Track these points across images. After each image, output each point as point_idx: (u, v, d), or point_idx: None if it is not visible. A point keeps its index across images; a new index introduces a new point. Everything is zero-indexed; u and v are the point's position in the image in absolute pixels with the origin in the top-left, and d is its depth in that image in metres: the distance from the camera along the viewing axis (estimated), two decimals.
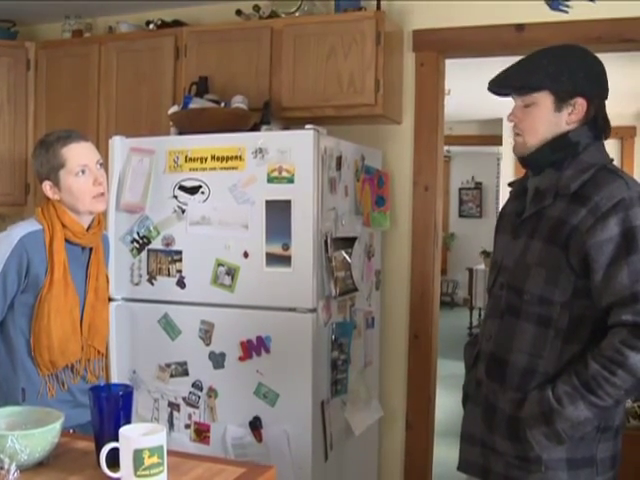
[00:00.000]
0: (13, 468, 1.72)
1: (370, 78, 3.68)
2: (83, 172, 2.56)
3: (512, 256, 2.21)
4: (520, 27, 3.82)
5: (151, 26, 4.33)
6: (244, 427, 3.30)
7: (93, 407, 1.87)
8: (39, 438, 1.81)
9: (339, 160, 3.39)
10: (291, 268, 3.19)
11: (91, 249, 2.69)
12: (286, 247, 3.19)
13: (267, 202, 3.22)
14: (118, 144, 3.55)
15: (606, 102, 2.24)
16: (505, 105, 7.55)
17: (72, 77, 4.45)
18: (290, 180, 3.18)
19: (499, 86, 2.26)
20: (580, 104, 2.14)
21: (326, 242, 3.24)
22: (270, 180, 3.22)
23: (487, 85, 2.28)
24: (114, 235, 3.50)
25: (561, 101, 2.14)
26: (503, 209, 2.45)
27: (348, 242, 3.46)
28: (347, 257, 3.42)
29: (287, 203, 3.18)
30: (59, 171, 2.55)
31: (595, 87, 2.18)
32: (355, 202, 3.57)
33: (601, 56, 2.15)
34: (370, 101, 3.70)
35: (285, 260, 3.19)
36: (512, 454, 2.15)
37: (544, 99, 2.15)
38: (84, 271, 2.66)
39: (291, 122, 3.76)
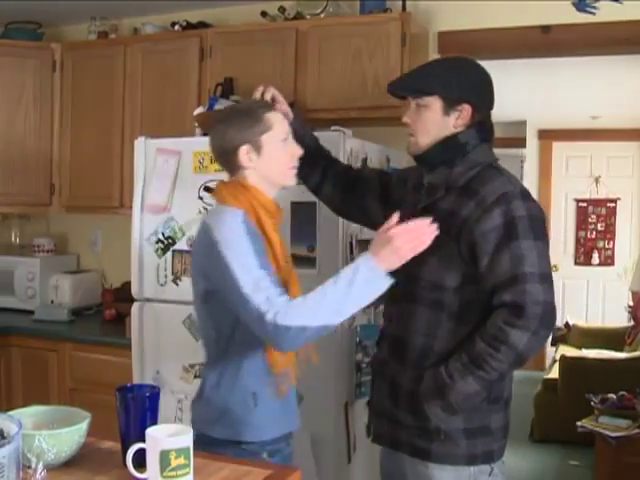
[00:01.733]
0: (40, 467, 1.72)
1: None
2: (285, 140, 2.39)
3: None
4: (546, 29, 3.79)
5: (176, 27, 4.34)
6: None
7: (119, 407, 1.87)
8: (66, 438, 1.82)
9: (364, 162, 3.38)
10: (316, 270, 3.18)
11: None
12: (311, 249, 3.19)
13: (293, 204, 3.21)
14: (143, 145, 3.56)
15: (492, 111, 2.47)
16: (530, 108, 7.51)
17: (97, 78, 4.47)
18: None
19: (396, 88, 2.48)
20: (466, 110, 2.33)
21: (351, 244, 3.24)
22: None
23: (387, 86, 2.50)
24: (139, 236, 3.50)
25: (449, 106, 2.33)
26: (398, 186, 2.68)
27: None
28: None
29: (313, 205, 3.17)
30: (262, 135, 2.34)
31: (481, 96, 2.39)
32: None
33: (622, 57, 2.22)
34: (395, 103, 3.66)
35: (310, 262, 3.19)
36: (415, 426, 2.34)
37: (434, 103, 2.34)
38: None
39: (316, 123, 3.74)
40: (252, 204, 2.30)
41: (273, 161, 2.36)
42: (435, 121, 2.34)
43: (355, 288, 2.09)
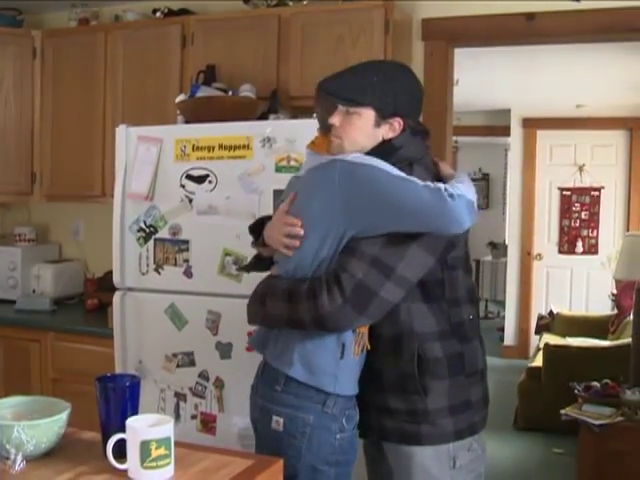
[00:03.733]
0: (19, 458, 1.71)
1: None
2: None
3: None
4: (531, 16, 3.78)
5: (158, 14, 4.30)
6: None
7: (100, 397, 1.85)
8: (45, 428, 1.80)
9: None
10: None
11: None
12: None
13: (275, 192, 3.19)
14: (124, 133, 3.53)
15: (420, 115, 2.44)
16: (514, 96, 7.53)
17: (78, 66, 4.43)
18: (299, 169, 3.15)
19: (329, 93, 2.37)
20: (398, 122, 2.32)
21: None
22: (278, 169, 3.20)
23: (317, 85, 2.42)
24: (121, 225, 3.48)
25: (381, 118, 2.31)
26: None
27: None
28: None
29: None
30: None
31: (413, 109, 2.38)
32: None
33: (607, 46, 2.19)
34: None
35: None
36: (404, 409, 2.33)
37: (367, 113, 2.30)
38: None
39: (299, 111, 3.74)
40: None
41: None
42: (365, 131, 2.31)
43: None
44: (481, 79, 6.47)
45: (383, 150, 2.32)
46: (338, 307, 2.16)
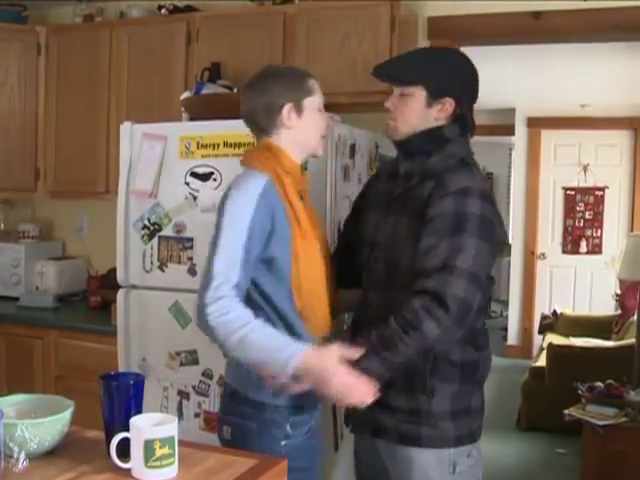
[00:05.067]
0: (22, 457, 1.70)
1: None
2: (320, 110, 2.45)
3: (384, 232, 2.40)
4: (537, 15, 3.77)
5: (163, 11, 4.30)
6: None
7: (103, 396, 1.84)
8: (49, 427, 1.79)
9: (353, 148, 3.36)
10: None
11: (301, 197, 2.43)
12: None
13: None
14: (129, 130, 3.52)
15: (474, 105, 2.50)
16: (519, 95, 7.55)
17: (83, 62, 4.43)
18: (304, 167, 3.14)
19: (381, 74, 2.48)
20: (449, 103, 2.35)
21: (339, 230, 3.21)
22: None
23: (372, 70, 2.50)
24: (125, 222, 3.47)
25: (433, 98, 2.35)
26: (368, 188, 2.68)
27: None
28: None
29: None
30: (305, 98, 2.38)
31: (465, 91, 2.42)
32: None
33: (613, 45, 2.21)
34: (384, 88, 3.63)
35: None
36: (405, 408, 2.32)
37: (418, 93, 2.35)
38: None
39: None
40: (276, 170, 2.33)
41: (311, 125, 2.41)
42: (417, 111, 2.36)
43: (266, 350, 2.16)
44: (486, 78, 6.42)
45: (432, 138, 2.36)
46: (446, 329, 2.15)
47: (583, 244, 8.47)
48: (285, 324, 2.31)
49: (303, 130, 2.40)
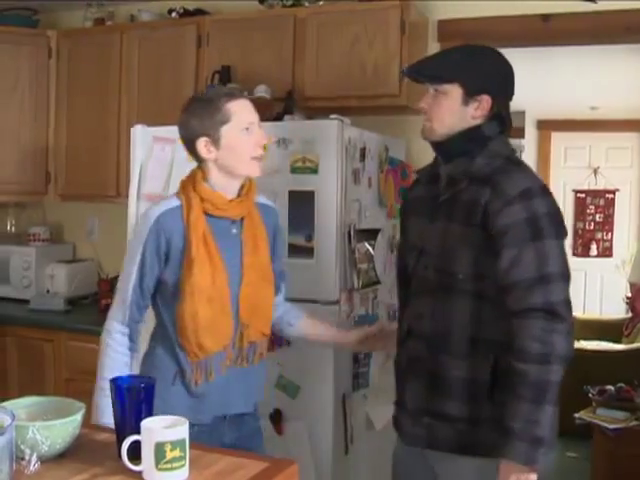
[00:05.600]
0: (34, 459, 1.70)
1: (394, 68, 3.65)
2: (247, 130, 2.37)
3: (433, 239, 2.34)
4: (546, 17, 3.77)
5: (173, 14, 4.31)
6: (264, 420, 3.27)
7: (114, 399, 1.84)
8: (60, 429, 1.79)
9: (363, 151, 3.36)
10: (314, 259, 3.16)
11: (242, 221, 2.46)
12: (309, 238, 3.16)
13: (290, 193, 3.19)
14: (139, 133, 3.53)
15: (510, 102, 2.43)
16: (529, 98, 7.48)
17: (93, 66, 4.44)
18: (314, 171, 3.15)
19: (415, 73, 2.42)
20: (486, 101, 2.29)
21: (349, 234, 3.21)
22: (293, 170, 3.19)
23: (404, 70, 2.49)
24: (134, 224, 3.47)
25: (469, 96, 2.28)
26: (409, 193, 2.62)
27: (371, 234, 3.43)
28: (370, 249, 3.39)
29: (310, 194, 3.15)
30: (222, 126, 2.34)
31: (501, 87, 2.35)
32: (379, 194, 3.54)
33: (623, 47, 2.18)
34: (394, 91, 3.67)
35: (308, 251, 3.17)
36: (465, 417, 2.27)
37: (454, 91, 2.29)
38: (239, 247, 2.43)
39: (314, 112, 3.73)
40: (189, 196, 2.36)
41: (233, 152, 2.37)
42: (453, 110, 2.30)
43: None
44: None
45: (472, 137, 2.30)
46: (568, 335, 2.15)
47: (593, 247, 8.44)
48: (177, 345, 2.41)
49: (226, 159, 2.37)
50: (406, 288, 2.50)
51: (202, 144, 2.36)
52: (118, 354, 2.41)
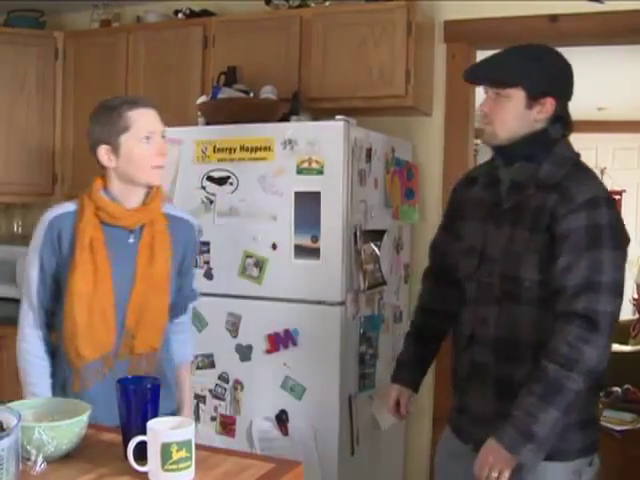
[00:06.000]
0: (40, 460, 1.70)
1: (401, 69, 3.64)
2: (148, 139, 2.33)
3: (497, 245, 2.31)
4: (554, 18, 3.75)
5: (179, 15, 4.31)
6: (270, 420, 3.28)
7: (120, 399, 1.84)
8: (66, 430, 1.79)
9: (369, 152, 3.35)
10: (320, 260, 3.16)
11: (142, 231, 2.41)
12: (315, 239, 3.16)
13: (296, 193, 3.19)
14: None
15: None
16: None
17: (100, 67, 4.44)
18: (320, 171, 3.15)
19: (476, 77, 2.40)
20: (549, 103, 2.25)
21: (355, 234, 3.21)
22: (299, 171, 3.19)
23: (464, 74, 2.40)
24: None
25: (532, 99, 2.24)
26: (459, 196, 2.54)
27: (377, 235, 3.43)
28: (376, 250, 3.39)
29: (316, 195, 3.15)
30: (121, 135, 2.32)
31: (563, 88, 2.31)
32: (385, 194, 3.53)
33: (630, 48, 2.17)
34: (400, 92, 3.66)
35: (314, 252, 3.17)
36: None
37: (517, 95, 2.24)
38: (134, 256, 2.39)
39: (320, 113, 3.72)
40: (83, 202, 2.38)
41: (133, 161, 2.34)
42: (516, 113, 2.26)
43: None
44: None
45: (538, 141, 2.27)
46: (603, 349, 2.12)
47: None
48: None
49: (125, 167, 2.35)
50: (445, 286, 2.54)
51: (103, 152, 2.35)
52: (36, 359, 2.41)
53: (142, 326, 2.39)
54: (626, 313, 7.53)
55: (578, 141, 2.41)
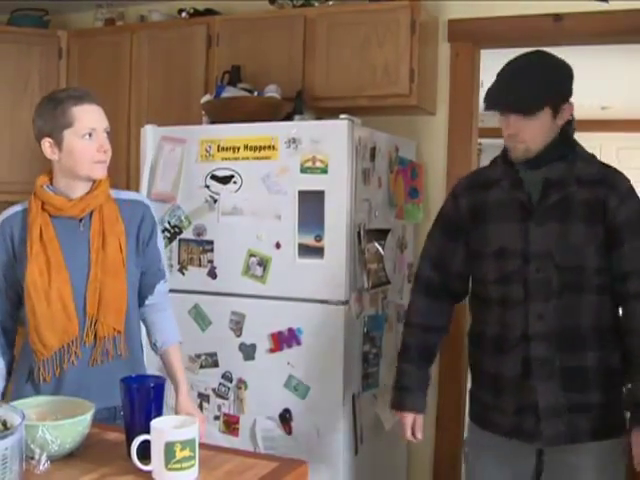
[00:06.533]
0: (44, 459, 1.71)
1: (405, 68, 3.64)
2: (90, 136, 2.39)
3: (545, 241, 2.37)
4: (558, 17, 3.75)
5: (183, 14, 4.31)
6: (274, 419, 3.28)
7: (124, 398, 1.84)
8: (70, 429, 1.80)
9: (373, 151, 3.35)
10: (323, 259, 3.16)
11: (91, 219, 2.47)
12: (319, 238, 3.16)
13: (300, 192, 3.19)
14: (150, 133, 3.53)
15: None
16: None
17: (104, 66, 4.44)
18: (324, 170, 3.15)
19: (502, 109, 2.41)
20: (568, 107, 2.42)
21: (359, 234, 3.21)
22: (303, 170, 3.19)
23: (485, 103, 2.43)
24: None
25: (557, 111, 2.39)
26: (476, 201, 2.54)
27: (381, 234, 3.42)
28: (380, 249, 3.38)
29: (320, 194, 3.15)
30: (64, 130, 2.37)
31: (571, 90, 2.45)
32: (388, 194, 3.53)
33: (634, 47, 2.27)
34: (404, 91, 3.66)
35: (317, 251, 3.16)
36: (601, 404, 2.38)
37: (545, 113, 2.36)
38: (86, 243, 2.44)
39: (324, 112, 3.72)
40: (31, 201, 2.44)
41: (75, 156, 2.39)
42: (545, 128, 2.38)
43: None
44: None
45: (564, 142, 2.42)
46: None
47: None
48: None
49: (68, 161, 2.40)
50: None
51: (47, 145, 2.41)
52: None
53: (103, 311, 2.43)
54: None
55: (582, 140, 2.44)
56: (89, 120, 2.40)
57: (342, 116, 3.18)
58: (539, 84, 2.36)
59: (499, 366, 2.47)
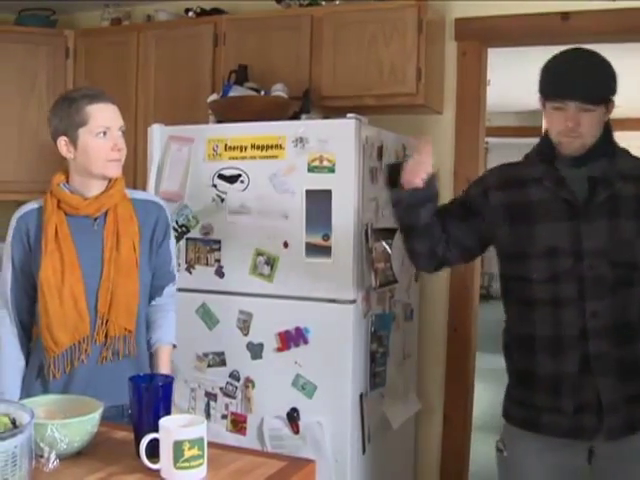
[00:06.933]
0: (53, 457, 1.71)
1: (411, 67, 3.63)
2: (104, 134, 2.42)
3: (596, 239, 2.36)
4: (565, 15, 3.74)
5: (190, 14, 4.31)
6: (281, 418, 3.28)
7: (132, 397, 1.85)
8: (78, 427, 1.80)
9: (380, 150, 3.35)
10: (331, 258, 3.16)
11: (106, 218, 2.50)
12: (326, 237, 3.16)
13: (307, 192, 3.18)
14: (157, 132, 3.54)
15: None
16: None
17: (111, 65, 4.44)
18: (331, 170, 3.15)
19: (574, 95, 2.34)
20: (612, 103, 2.41)
21: (367, 233, 3.21)
22: (310, 169, 3.19)
23: (555, 87, 2.40)
24: None
25: (608, 106, 2.40)
26: (513, 198, 2.51)
27: (389, 233, 3.42)
28: (387, 248, 3.38)
29: (328, 193, 3.15)
30: (79, 129, 2.41)
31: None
32: None
33: (637, 46, 2.29)
34: (411, 90, 3.66)
35: (325, 250, 3.16)
36: None
37: (601, 107, 2.37)
38: (100, 242, 2.47)
39: (331, 111, 3.72)
40: (47, 199, 2.48)
41: (90, 154, 2.43)
42: (600, 122, 2.39)
43: None
44: (513, 79, 6.42)
45: (608, 138, 2.45)
46: None
47: None
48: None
49: (83, 159, 2.44)
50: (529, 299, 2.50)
51: (62, 143, 2.46)
52: (12, 358, 2.51)
53: (114, 310, 2.45)
54: None
55: None
56: (103, 119, 2.43)
57: (349, 115, 3.18)
58: (605, 77, 2.38)
59: (557, 366, 2.43)
